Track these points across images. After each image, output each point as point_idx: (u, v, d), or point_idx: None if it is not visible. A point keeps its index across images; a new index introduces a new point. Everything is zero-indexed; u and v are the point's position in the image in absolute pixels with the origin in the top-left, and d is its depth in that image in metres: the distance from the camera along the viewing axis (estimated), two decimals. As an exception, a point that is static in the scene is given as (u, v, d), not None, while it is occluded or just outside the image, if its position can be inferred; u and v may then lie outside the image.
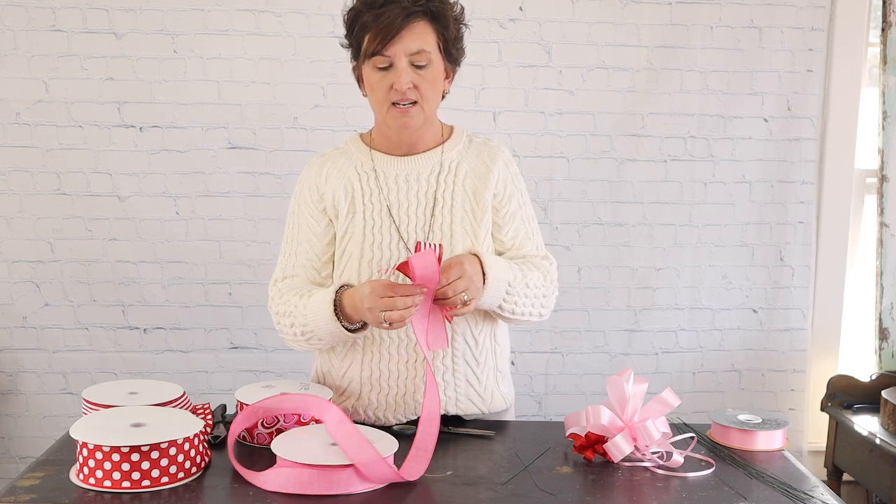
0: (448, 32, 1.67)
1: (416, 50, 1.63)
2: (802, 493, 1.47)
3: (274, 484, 1.40)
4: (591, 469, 1.56)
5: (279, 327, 1.76)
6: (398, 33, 1.61)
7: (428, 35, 1.64)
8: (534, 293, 1.75)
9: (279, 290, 1.77)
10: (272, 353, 2.99)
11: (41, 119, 2.88)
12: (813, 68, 3.03)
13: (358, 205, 1.75)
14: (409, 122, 1.69)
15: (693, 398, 3.10)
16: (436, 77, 1.68)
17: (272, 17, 2.88)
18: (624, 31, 2.97)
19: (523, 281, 1.72)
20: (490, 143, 1.84)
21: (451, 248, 1.73)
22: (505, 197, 1.80)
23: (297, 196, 1.81)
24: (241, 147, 2.93)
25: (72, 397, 2.98)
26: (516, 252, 1.80)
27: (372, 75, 1.66)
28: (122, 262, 2.95)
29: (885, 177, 3.03)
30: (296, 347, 1.76)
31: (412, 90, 1.65)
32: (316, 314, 1.67)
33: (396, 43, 1.62)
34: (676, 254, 3.09)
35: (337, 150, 1.82)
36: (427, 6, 1.63)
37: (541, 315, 1.79)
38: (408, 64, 1.63)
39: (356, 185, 1.76)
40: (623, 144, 3.03)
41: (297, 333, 1.71)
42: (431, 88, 1.67)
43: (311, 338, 1.70)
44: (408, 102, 1.66)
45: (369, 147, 1.80)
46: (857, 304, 3.27)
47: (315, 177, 1.79)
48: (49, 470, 1.48)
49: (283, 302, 1.74)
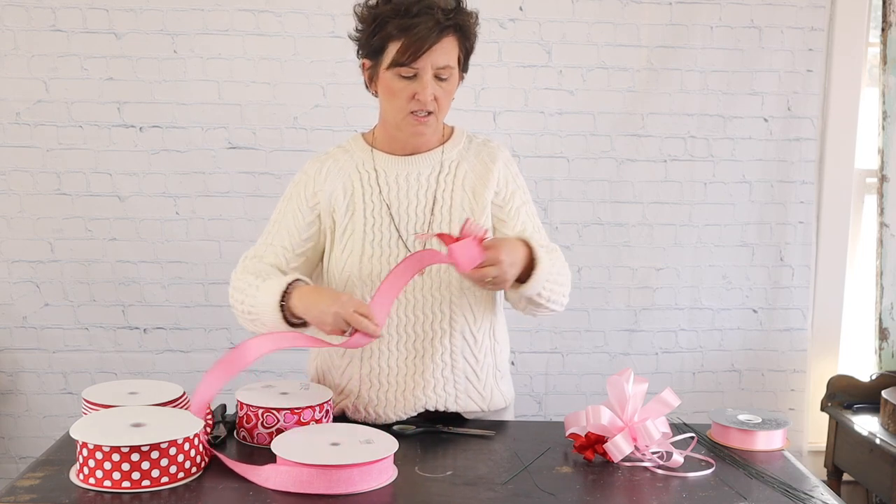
0: (469, 45, 1.70)
1: (443, 65, 1.65)
2: (802, 493, 1.47)
3: (273, 482, 1.40)
4: (591, 469, 1.56)
5: (231, 301, 1.75)
6: (432, 47, 1.62)
7: (454, 50, 1.67)
8: (557, 283, 1.75)
9: (244, 266, 1.77)
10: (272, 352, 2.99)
11: (41, 119, 2.88)
12: (813, 68, 3.03)
13: (358, 203, 1.76)
14: (425, 130, 1.71)
15: (693, 398, 3.10)
16: (452, 89, 1.71)
17: (272, 17, 2.88)
18: (624, 31, 2.97)
19: (554, 270, 1.73)
20: (490, 143, 1.86)
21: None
22: (507, 194, 1.81)
23: (294, 185, 1.83)
24: (241, 147, 2.93)
25: (72, 397, 2.98)
26: None
27: (394, 82, 1.66)
28: (122, 262, 2.95)
29: (885, 177, 3.03)
30: (242, 324, 1.76)
31: (432, 102, 1.67)
32: (264, 300, 1.66)
33: (427, 56, 1.63)
34: (676, 254, 3.09)
35: (339, 149, 1.84)
36: (456, 20, 1.64)
37: (562, 304, 1.80)
38: (432, 76, 1.65)
39: (356, 184, 1.77)
40: (623, 144, 3.03)
41: (244, 311, 1.71)
42: (448, 99, 1.71)
43: (255, 320, 1.69)
44: (425, 112, 1.67)
45: (371, 146, 1.81)
46: (857, 304, 3.27)
47: (315, 173, 1.80)
48: (49, 470, 1.48)
49: (241, 279, 1.74)
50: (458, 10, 1.65)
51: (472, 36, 1.70)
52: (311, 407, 1.62)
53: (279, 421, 1.61)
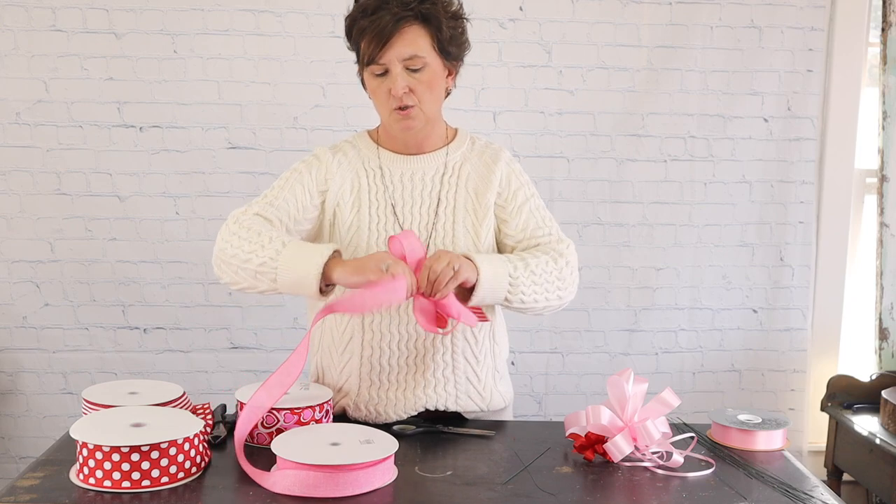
0: (442, 33, 1.66)
1: (408, 55, 1.64)
2: (802, 493, 1.47)
3: (282, 486, 1.40)
4: (591, 469, 1.56)
5: (227, 241, 1.65)
6: (389, 40, 1.62)
7: (420, 39, 1.64)
8: (543, 279, 1.72)
9: (251, 215, 1.69)
10: (272, 353, 2.99)
11: (41, 119, 2.88)
12: (813, 68, 3.03)
13: (363, 200, 1.77)
14: (411, 124, 1.71)
15: (693, 398, 3.10)
16: (432, 79, 1.68)
17: (272, 17, 2.88)
18: (624, 31, 2.97)
19: (526, 269, 1.70)
20: (492, 145, 1.87)
21: (454, 245, 1.75)
22: (510, 194, 1.81)
23: (305, 163, 1.78)
24: (241, 147, 2.93)
25: (72, 397, 2.98)
26: (528, 242, 1.80)
27: (371, 81, 1.69)
28: (122, 262, 2.95)
29: (885, 177, 3.03)
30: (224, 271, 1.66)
31: (409, 95, 1.66)
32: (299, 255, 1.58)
33: (389, 50, 1.63)
34: (676, 254, 3.09)
35: (347, 143, 1.84)
36: (418, 9, 1.63)
37: (560, 298, 1.76)
38: (402, 69, 1.65)
39: (362, 180, 1.78)
40: (623, 144, 3.03)
41: (248, 260, 1.61)
42: (428, 91, 1.68)
43: (264, 274, 1.60)
44: (405, 106, 1.67)
45: (377, 144, 1.82)
46: (857, 304, 3.27)
47: (328, 161, 1.78)
48: (49, 470, 1.48)
49: (251, 227, 1.64)
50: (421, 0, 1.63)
51: (443, 22, 1.65)
52: (311, 407, 1.62)
53: (279, 421, 1.61)
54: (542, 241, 1.81)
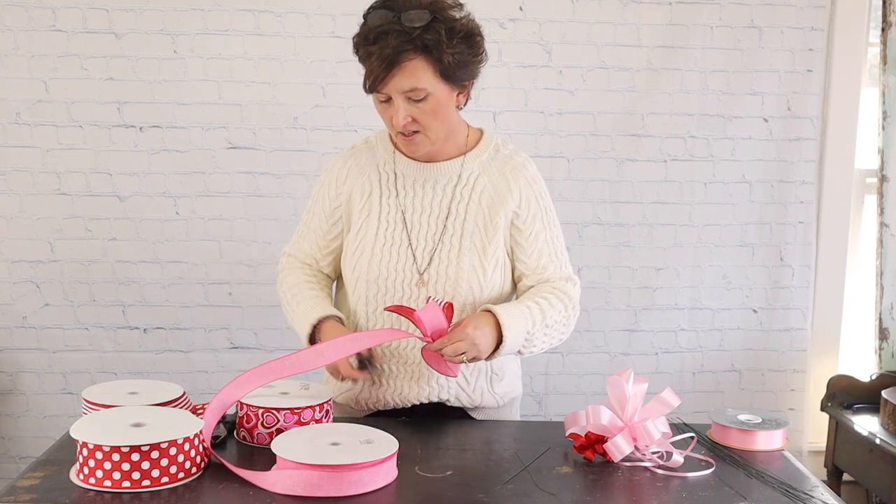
0: (445, 62, 1.59)
1: (409, 88, 1.59)
2: (802, 493, 1.47)
3: (283, 486, 1.40)
4: (591, 469, 1.56)
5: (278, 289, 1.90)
6: (388, 74, 1.57)
7: (421, 71, 1.58)
8: (553, 329, 1.76)
9: (283, 264, 1.91)
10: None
11: (41, 119, 2.88)
12: (813, 68, 3.03)
13: (374, 204, 1.76)
14: (416, 149, 1.70)
15: (693, 398, 3.10)
16: (437, 107, 1.63)
17: (272, 17, 2.88)
18: (624, 31, 2.97)
19: (543, 323, 1.72)
20: (516, 157, 1.80)
21: (458, 261, 1.73)
22: (528, 217, 1.77)
23: (319, 185, 1.85)
24: (241, 147, 2.93)
25: (72, 397, 2.98)
26: (540, 275, 1.78)
27: (376, 105, 1.67)
28: (122, 262, 2.95)
29: (885, 177, 3.03)
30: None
31: (412, 123, 1.63)
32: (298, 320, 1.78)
33: (389, 82, 1.58)
34: (676, 254, 3.09)
35: (365, 144, 1.83)
36: (420, 39, 1.55)
37: (560, 341, 1.82)
38: (404, 99, 1.61)
39: (375, 185, 1.77)
40: (623, 144, 3.03)
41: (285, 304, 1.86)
42: (433, 118, 1.64)
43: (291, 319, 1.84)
44: (409, 132, 1.65)
45: (395, 147, 1.80)
46: (857, 304, 3.28)
47: (338, 172, 1.81)
48: (49, 470, 1.48)
49: (283, 281, 1.88)
50: (426, 27, 1.55)
51: (446, 51, 1.57)
52: (311, 407, 1.62)
53: (279, 421, 1.61)
54: (552, 277, 1.79)
